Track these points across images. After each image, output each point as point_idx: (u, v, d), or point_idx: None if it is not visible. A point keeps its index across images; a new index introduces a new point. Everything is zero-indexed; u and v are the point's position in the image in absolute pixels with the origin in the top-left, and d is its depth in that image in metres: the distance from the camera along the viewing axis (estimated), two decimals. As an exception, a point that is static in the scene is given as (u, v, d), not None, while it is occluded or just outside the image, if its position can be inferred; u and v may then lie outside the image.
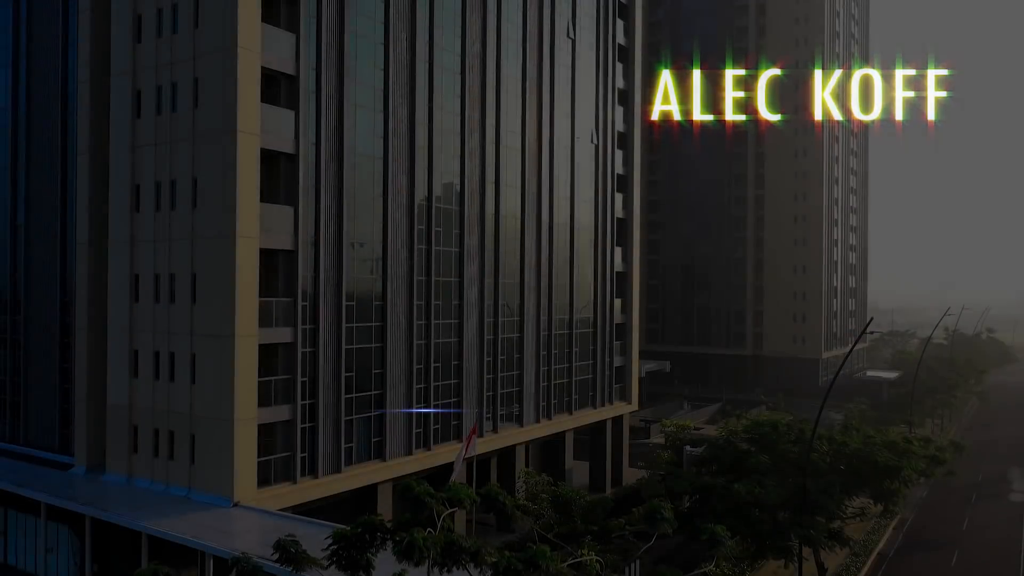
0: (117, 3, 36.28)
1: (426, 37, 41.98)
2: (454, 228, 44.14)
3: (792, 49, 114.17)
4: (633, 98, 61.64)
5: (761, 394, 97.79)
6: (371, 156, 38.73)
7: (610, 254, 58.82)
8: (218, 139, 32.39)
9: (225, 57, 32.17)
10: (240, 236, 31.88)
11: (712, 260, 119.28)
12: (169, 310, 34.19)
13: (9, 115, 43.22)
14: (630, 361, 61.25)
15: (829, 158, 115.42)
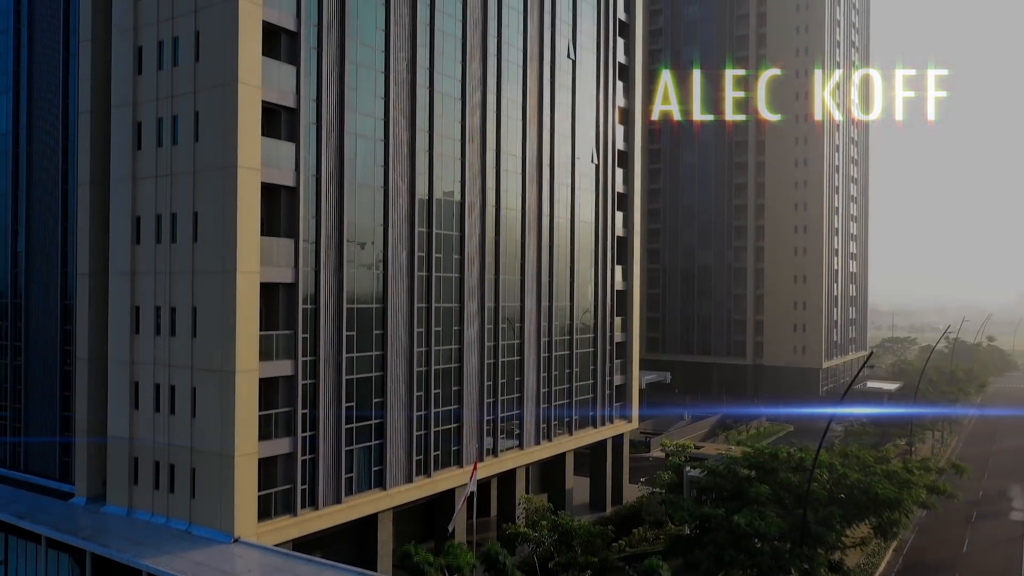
0: (118, 35, 36.26)
1: (426, 64, 41.99)
2: (454, 254, 44.15)
3: (793, 59, 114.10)
4: (633, 116, 61.63)
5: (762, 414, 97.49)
6: (371, 186, 38.73)
7: (610, 273, 58.86)
8: (219, 173, 32.40)
9: (226, 91, 32.17)
10: (241, 272, 31.90)
11: (712, 269, 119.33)
12: (170, 343, 34.20)
13: (10, 143, 43.22)
14: (630, 379, 61.26)
15: (829, 167, 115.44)
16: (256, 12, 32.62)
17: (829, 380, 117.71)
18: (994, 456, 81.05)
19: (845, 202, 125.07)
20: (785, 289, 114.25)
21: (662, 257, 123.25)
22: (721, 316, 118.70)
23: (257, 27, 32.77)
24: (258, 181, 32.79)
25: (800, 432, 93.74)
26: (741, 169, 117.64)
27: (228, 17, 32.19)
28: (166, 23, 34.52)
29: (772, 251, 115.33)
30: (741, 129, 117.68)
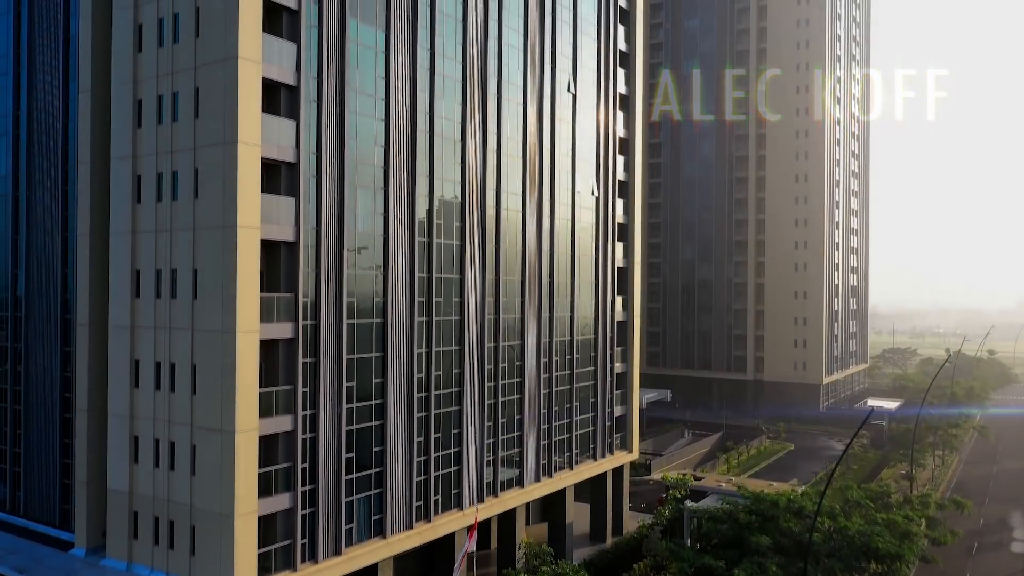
0: (118, 87, 36.21)
1: (426, 108, 41.92)
2: (455, 296, 44.09)
3: (794, 74, 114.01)
4: (634, 146, 61.54)
5: (762, 424, 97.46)
6: (371, 234, 38.66)
7: (611, 305, 58.79)
8: (218, 231, 32.33)
9: (226, 149, 32.09)
10: (241, 332, 31.83)
11: (713, 284, 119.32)
12: (169, 399, 34.14)
13: (10, 186, 43.17)
14: (631, 410, 61.18)
15: (830, 181, 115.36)
16: (256, 70, 32.53)
17: (830, 395, 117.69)
18: (995, 479, 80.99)
19: (846, 215, 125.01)
20: (785, 305, 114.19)
21: (662, 271, 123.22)
22: (722, 331, 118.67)
23: (257, 85, 32.69)
24: (258, 239, 32.71)
25: (799, 452, 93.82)
26: (741, 183, 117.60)
27: (229, 77, 32.10)
28: (166, 78, 34.44)
29: (772, 266, 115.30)
30: (742, 143, 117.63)
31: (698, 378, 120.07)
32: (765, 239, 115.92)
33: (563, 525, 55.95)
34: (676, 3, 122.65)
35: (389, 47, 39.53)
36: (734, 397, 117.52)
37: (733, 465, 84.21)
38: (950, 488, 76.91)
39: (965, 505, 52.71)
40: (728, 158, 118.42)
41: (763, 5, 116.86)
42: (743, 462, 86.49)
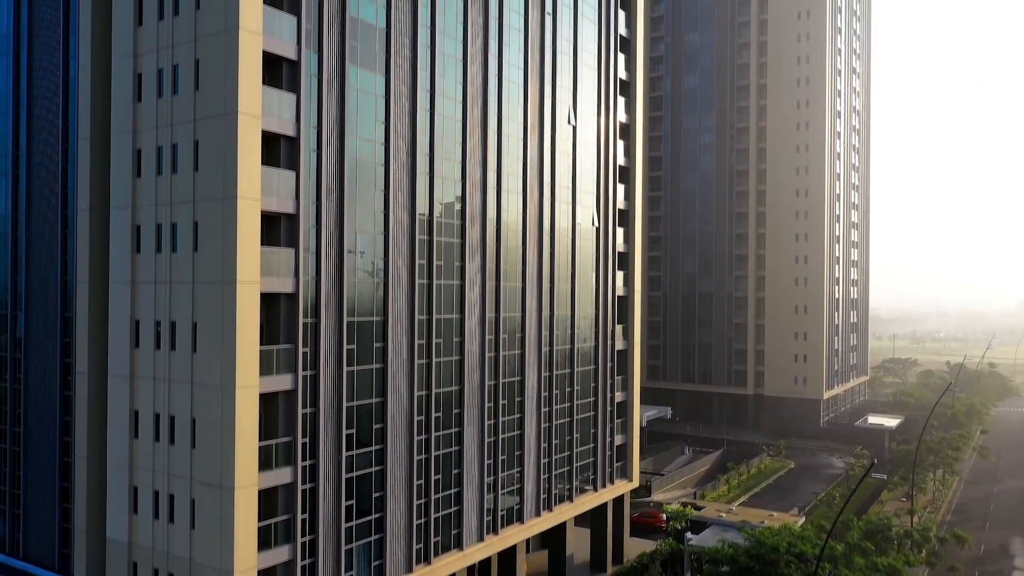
0: (118, 138, 36.15)
1: (426, 149, 41.83)
2: (455, 336, 44.01)
3: (794, 88, 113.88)
4: (634, 175, 61.45)
5: (762, 443, 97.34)
6: (371, 273, 38.58)
7: (611, 334, 58.72)
8: (217, 287, 32.25)
9: (226, 204, 32.02)
10: (240, 387, 31.73)
11: (713, 298, 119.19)
12: (169, 451, 34.07)
13: (9, 226, 43.06)
14: (631, 438, 61.10)
15: (831, 195, 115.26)
16: (255, 124, 32.43)
17: (830, 409, 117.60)
18: (996, 500, 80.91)
19: (846, 228, 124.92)
20: (786, 319, 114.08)
21: (662, 284, 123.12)
22: (722, 345, 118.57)
23: (257, 136, 32.59)
24: (257, 293, 32.61)
25: (800, 470, 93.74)
26: (742, 197, 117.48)
27: (228, 130, 32.01)
28: (165, 129, 34.35)
29: (773, 280, 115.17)
30: (742, 156, 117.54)
31: (698, 392, 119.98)
32: (765, 253, 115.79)
33: (563, 556, 55.95)
34: (677, 17, 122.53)
35: (389, 91, 39.42)
36: (734, 411, 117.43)
37: (734, 486, 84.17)
38: (950, 511, 76.87)
39: (966, 539, 52.63)
40: (729, 172, 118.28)
41: (764, 19, 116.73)
42: (743, 482, 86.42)
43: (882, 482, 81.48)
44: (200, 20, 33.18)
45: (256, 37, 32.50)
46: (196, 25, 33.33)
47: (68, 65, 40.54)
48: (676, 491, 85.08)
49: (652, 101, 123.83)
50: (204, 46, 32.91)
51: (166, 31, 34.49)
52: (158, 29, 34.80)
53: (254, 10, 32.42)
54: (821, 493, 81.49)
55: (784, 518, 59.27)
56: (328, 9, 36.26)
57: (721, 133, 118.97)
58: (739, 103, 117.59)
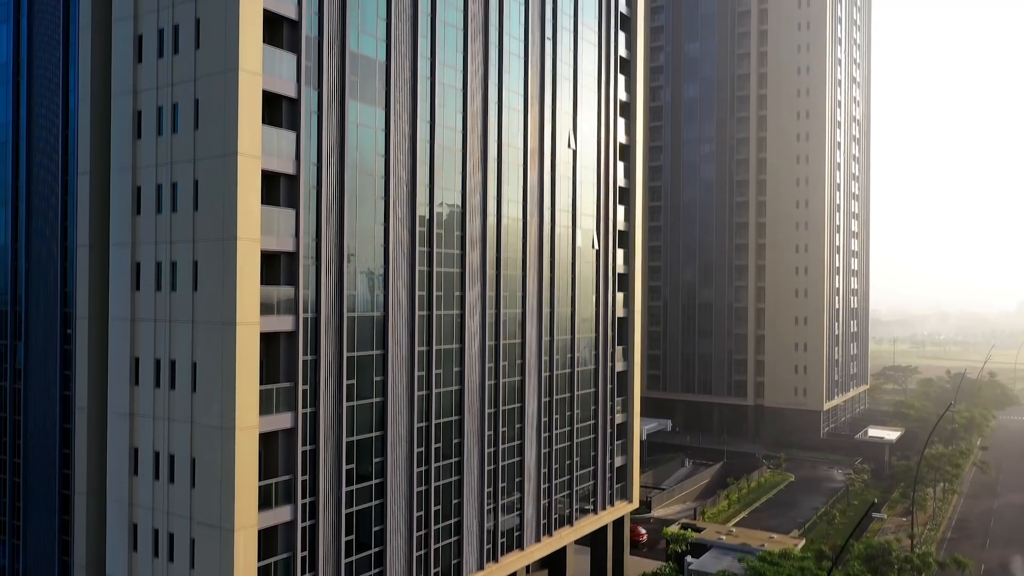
0: (117, 174, 36.11)
1: (427, 180, 41.81)
2: (455, 366, 43.99)
3: (794, 99, 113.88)
4: (634, 196, 61.41)
5: (762, 457, 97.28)
6: (370, 318, 38.57)
7: (611, 356, 58.67)
8: (217, 327, 32.24)
9: (226, 245, 31.99)
10: (240, 429, 31.71)
11: (714, 308, 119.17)
12: (168, 490, 34.03)
13: (9, 258, 43.04)
14: (631, 459, 61.05)
15: (831, 206, 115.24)
16: (255, 165, 32.40)
17: (830, 420, 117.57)
18: (996, 516, 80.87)
19: (846, 239, 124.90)
20: (786, 330, 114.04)
21: (662, 294, 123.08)
22: (722, 355, 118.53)
23: (257, 176, 32.55)
24: (257, 333, 32.60)
25: (800, 483, 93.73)
26: (742, 207, 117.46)
27: (227, 170, 31.99)
28: (165, 167, 34.32)
29: (773, 291, 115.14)
30: (742, 167, 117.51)
31: (698, 403, 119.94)
32: (766, 264, 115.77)
33: (563, 572, 56.00)
34: (677, 27, 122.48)
35: (389, 124, 39.40)
36: (735, 422, 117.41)
37: (734, 500, 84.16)
38: (950, 527, 76.86)
39: (966, 564, 52.57)
40: (729, 182, 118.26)
41: (763, 30, 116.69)
42: (743, 496, 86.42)
43: (882, 497, 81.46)
44: (200, 59, 33.15)
45: (256, 78, 32.48)
46: (196, 64, 33.30)
47: (68, 98, 40.56)
48: (676, 506, 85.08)
49: (652, 111, 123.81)
50: (204, 86, 32.89)
51: (166, 69, 34.45)
52: (158, 67, 34.77)
53: (254, 50, 32.40)
54: (821, 509, 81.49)
55: (784, 541, 59.27)
56: (327, 45, 36.23)
57: (721, 143, 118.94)
58: (739, 113, 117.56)
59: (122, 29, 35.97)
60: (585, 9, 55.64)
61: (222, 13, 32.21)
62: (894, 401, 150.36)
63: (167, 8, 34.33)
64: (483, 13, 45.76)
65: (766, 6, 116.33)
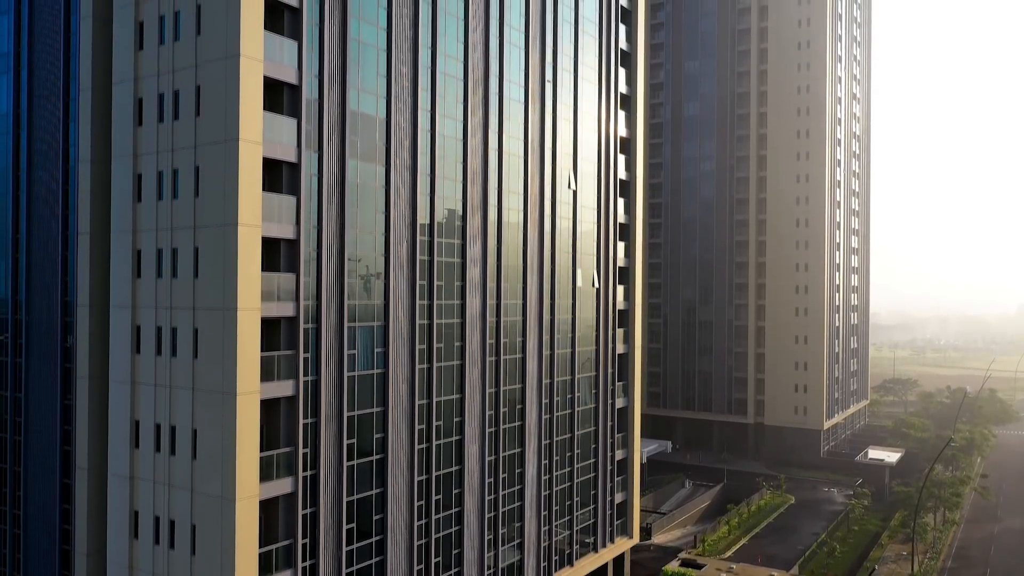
0: (118, 236, 36.10)
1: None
2: (455, 416, 44.00)
3: (794, 118, 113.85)
4: (634, 231, 61.41)
5: (762, 480, 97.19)
6: (369, 391, 38.57)
7: (611, 393, 58.67)
8: (218, 395, 32.24)
9: (226, 314, 31.98)
10: (240, 499, 31.71)
11: (714, 326, 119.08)
12: (169, 556, 34.01)
13: (10, 309, 43.02)
14: (631, 495, 61.10)
15: (831, 224, 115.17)
16: (255, 235, 32.40)
17: (830, 438, 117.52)
18: (997, 542, 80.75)
19: (846, 256, 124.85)
20: (786, 349, 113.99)
21: (662, 311, 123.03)
22: (722, 373, 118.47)
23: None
24: (257, 402, 32.60)
25: (800, 506, 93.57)
26: (742, 225, 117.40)
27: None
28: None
29: (773, 310, 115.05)
30: (742, 185, 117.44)
31: (698, 420, 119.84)
32: (766, 282, 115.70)
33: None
34: (677, 44, 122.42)
35: (389, 184, 39.40)
36: (735, 440, 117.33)
37: (734, 526, 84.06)
38: (951, 555, 76.79)
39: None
40: (729, 200, 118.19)
41: (763, 48, 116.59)
42: (744, 521, 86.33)
43: (882, 524, 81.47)
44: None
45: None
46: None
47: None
48: (676, 531, 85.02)
49: (652, 127, 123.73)
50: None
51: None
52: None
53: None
54: (822, 535, 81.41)
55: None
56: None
57: (721, 161, 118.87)
58: (739, 131, 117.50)
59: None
60: (586, 50, 55.59)
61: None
62: (894, 414, 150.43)
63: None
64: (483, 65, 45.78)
65: (766, 25, 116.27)
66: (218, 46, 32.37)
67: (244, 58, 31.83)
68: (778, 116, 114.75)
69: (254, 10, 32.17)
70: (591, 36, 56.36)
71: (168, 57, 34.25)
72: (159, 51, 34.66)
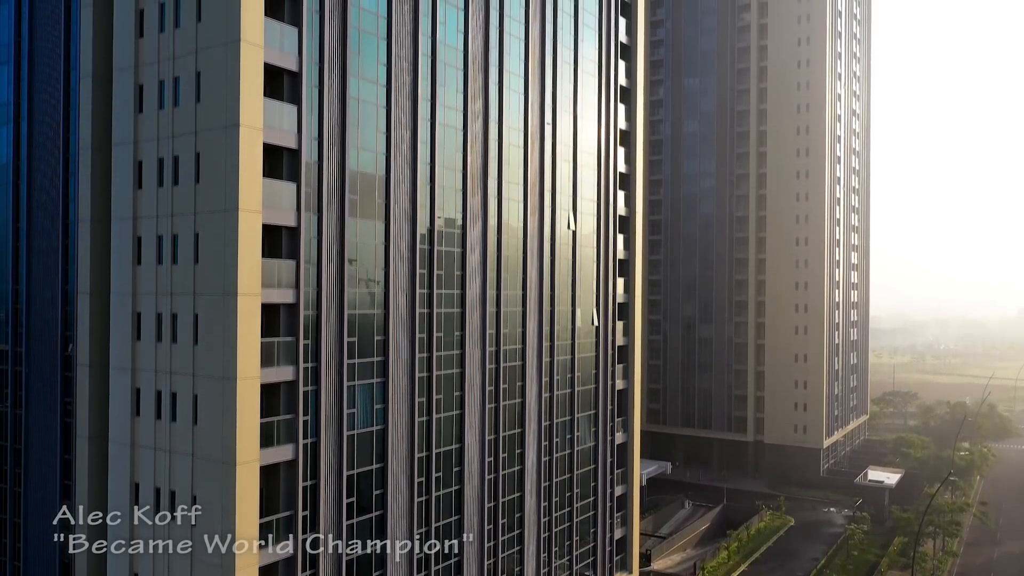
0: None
1: (426, 284, 41.90)
2: (454, 466, 44.10)
3: (793, 137, 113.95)
4: (633, 268, 61.48)
5: (761, 504, 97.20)
6: (369, 433, 38.68)
7: (611, 429, 58.73)
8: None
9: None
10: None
11: (713, 343, 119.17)
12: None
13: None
14: (631, 531, 61.14)
15: (830, 242, 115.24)
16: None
17: (830, 456, 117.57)
18: (996, 568, 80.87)
19: (845, 273, 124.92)
20: (785, 368, 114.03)
21: (662, 328, 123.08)
22: (722, 391, 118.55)
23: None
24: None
25: (800, 528, 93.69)
26: (741, 243, 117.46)
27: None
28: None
29: (772, 328, 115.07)
30: (742, 203, 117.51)
31: (698, 437, 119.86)
32: (765, 300, 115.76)
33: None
34: (676, 61, 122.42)
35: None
36: (734, 458, 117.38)
37: (733, 551, 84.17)
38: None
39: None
40: (729, 217, 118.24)
41: (763, 66, 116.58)
42: (744, 545, 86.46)
43: (881, 550, 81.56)
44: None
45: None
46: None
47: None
48: (676, 555, 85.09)
49: (652, 144, 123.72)
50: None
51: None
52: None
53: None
54: (822, 560, 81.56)
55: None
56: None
57: (721, 178, 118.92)
58: (739, 149, 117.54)
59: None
60: (586, 85, 55.64)
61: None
62: (895, 427, 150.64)
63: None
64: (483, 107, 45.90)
65: (766, 43, 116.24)
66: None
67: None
68: (777, 133, 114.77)
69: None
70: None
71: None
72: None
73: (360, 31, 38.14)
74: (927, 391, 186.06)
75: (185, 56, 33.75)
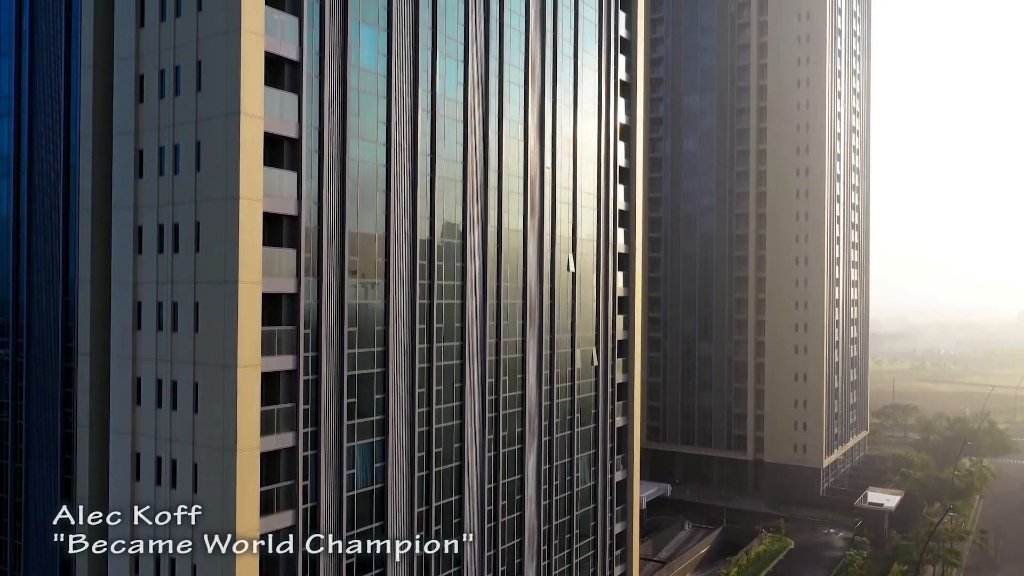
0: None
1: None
2: (453, 517, 44.14)
3: (792, 156, 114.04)
4: (634, 304, 61.50)
5: (761, 527, 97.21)
6: (369, 492, 38.73)
7: (610, 467, 58.75)
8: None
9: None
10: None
11: (713, 361, 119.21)
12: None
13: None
14: (630, 567, 61.15)
15: (830, 260, 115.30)
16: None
17: (830, 475, 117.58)
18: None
19: (845, 290, 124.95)
20: (785, 387, 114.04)
21: (662, 346, 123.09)
22: (722, 409, 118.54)
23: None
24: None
25: (800, 551, 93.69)
26: (741, 262, 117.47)
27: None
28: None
29: (772, 347, 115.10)
30: (742, 221, 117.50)
31: (698, 456, 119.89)
32: (765, 319, 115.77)
33: None
34: (677, 79, 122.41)
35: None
36: (734, 476, 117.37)
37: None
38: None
39: None
40: (728, 235, 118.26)
41: (763, 84, 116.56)
42: (743, 570, 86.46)
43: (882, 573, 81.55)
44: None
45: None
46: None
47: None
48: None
49: (652, 162, 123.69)
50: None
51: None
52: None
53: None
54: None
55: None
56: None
57: (721, 196, 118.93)
58: (739, 167, 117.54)
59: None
60: (586, 116, 55.65)
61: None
62: (895, 440, 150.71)
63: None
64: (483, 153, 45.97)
65: (765, 61, 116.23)
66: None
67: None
68: (778, 153, 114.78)
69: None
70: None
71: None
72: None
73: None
74: (927, 402, 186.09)
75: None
